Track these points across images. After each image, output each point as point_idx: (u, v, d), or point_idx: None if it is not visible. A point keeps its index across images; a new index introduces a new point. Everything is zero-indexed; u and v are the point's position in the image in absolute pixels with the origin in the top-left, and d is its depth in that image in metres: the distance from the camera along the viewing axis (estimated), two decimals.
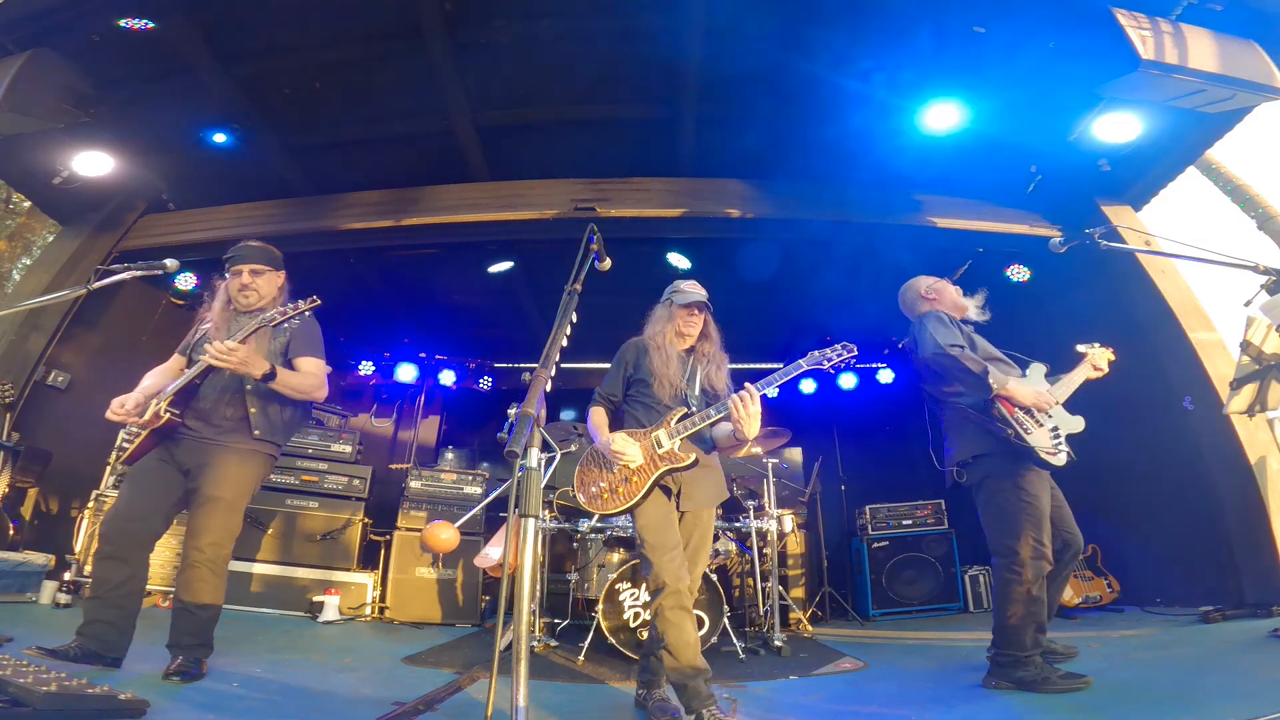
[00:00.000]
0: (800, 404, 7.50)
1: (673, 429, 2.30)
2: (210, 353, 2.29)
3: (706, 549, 2.41)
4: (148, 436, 2.39)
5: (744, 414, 2.13)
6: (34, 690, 1.49)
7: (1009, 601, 2.42)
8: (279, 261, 2.72)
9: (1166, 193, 4.52)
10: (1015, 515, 2.45)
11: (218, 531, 2.37)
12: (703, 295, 2.54)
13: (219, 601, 2.42)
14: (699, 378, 2.49)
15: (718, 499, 2.47)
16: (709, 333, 2.59)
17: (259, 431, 2.48)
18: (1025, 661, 2.36)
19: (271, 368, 2.40)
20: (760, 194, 4.70)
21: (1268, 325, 2.54)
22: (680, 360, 2.50)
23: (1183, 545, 3.98)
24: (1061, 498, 2.66)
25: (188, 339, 2.70)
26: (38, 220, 10.81)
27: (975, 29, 3.58)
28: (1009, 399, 2.49)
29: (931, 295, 2.92)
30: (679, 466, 2.25)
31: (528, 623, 1.20)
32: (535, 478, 1.24)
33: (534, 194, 4.70)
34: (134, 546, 2.34)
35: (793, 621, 4.54)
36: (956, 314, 2.82)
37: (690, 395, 2.43)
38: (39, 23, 3.52)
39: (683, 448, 2.28)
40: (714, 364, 2.53)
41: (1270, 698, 1.99)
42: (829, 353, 2.26)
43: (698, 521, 2.38)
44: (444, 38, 3.80)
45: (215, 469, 2.39)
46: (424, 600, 4.56)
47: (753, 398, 2.13)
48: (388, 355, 7.60)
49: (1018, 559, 2.41)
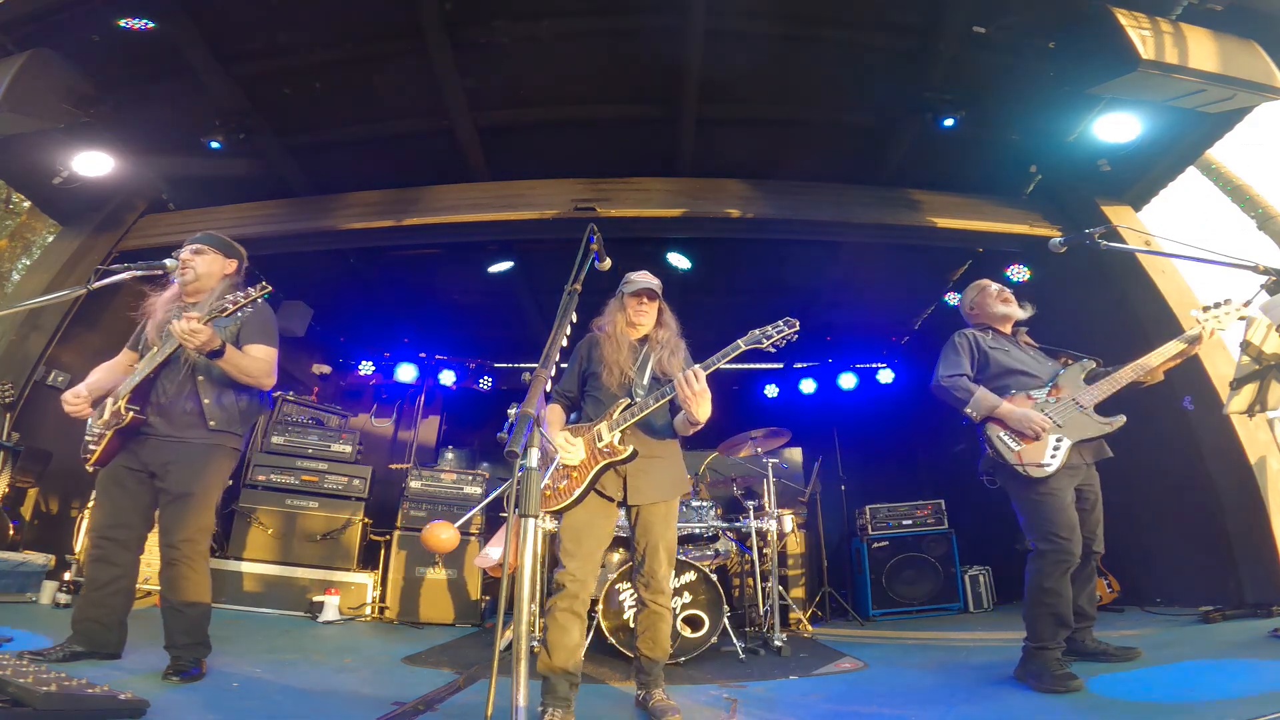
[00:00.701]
0: (800, 404, 7.51)
1: (614, 420, 2.25)
2: (175, 330, 2.27)
3: (666, 543, 2.32)
4: (112, 438, 2.39)
5: (689, 393, 2.08)
6: (34, 690, 1.49)
7: (1028, 590, 2.54)
8: (230, 250, 2.69)
9: (1166, 193, 4.52)
10: (1031, 513, 2.57)
11: (190, 528, 2.39)
12: (652, 283, 2.49)
13: (206, 598, 2.44)
14: (650, 365, 2.41)
15: (674, 491, 2.39)
16: (664, 321, 2.53)
17: (214, 422, 2.47)
18: (1037, 653, 2.42)
19: (221, 344, 2.37)
20: (760, 194, 4.70)
21: (1268, 325, 2.53)
22: (632, 349, 2.45)
23: (1183, 545, 3.97)
24: (1092, 500, 2.69)
25: (136, 333, 2.68)
26: (38, 220, 10.81)
27: (975, 29, 3.59)
28: (1000, 421, 2.61)
29: (975, 310, 3.03)
30: (617, 460, 2.20)
31: (528, 623, 1.20)
32: (535, 478, 1.24)
33: (534, 194, 4.70)
34: (120, 550, 2.41)
35: (793, 621, 4.54)
36: (1002, 324, 2.93)
37: (638, 385, 2.36)
38: (39, 23, 3.52)
39: (624, 439, 2.22)
40: (668, 350, 2.44)
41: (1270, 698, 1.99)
42: (769, 330, 2.17)
43: (652, 517, 2.31)
44: (444, 38, 3.81)
45: (180, 466, 2.40)
46: (424, 600, 4.56)
47: (697, 376, 2.08)
48: (388, 355, 7.61)
49: (1035, 551, 2.54)
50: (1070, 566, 2.46)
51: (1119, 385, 2.62)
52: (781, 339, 2.14)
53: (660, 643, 2.32)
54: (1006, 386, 2.71)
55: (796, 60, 3.97)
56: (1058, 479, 2.52)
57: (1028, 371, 2.76)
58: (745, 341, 2.17)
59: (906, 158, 4.57)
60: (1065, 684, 2.27)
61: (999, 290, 2.99)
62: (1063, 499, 2.51)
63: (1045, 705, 2.21)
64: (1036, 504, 2.53)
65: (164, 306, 2.58)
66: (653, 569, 2.30)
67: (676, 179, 4.72)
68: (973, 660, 3.36)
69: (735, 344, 2.18)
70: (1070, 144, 4.13)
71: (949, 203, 4.70)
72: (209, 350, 2.34)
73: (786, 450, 6.37)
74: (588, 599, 2.16)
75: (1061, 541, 2.46)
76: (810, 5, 3.70)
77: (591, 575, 2.17)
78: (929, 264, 5.62)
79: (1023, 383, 2.72)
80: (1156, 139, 4.00)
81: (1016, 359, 2.80)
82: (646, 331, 2.51)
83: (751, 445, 4.52)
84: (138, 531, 2.46)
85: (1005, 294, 2.98)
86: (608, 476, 2.26)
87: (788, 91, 4.26)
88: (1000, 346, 2.84)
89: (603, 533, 2.27)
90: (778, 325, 2.16)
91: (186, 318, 2.26)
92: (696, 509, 4.16)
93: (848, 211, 4.66)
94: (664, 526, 2.33)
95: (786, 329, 2.15)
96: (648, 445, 2.33)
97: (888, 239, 4.87)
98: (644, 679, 2.37)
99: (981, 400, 2.64)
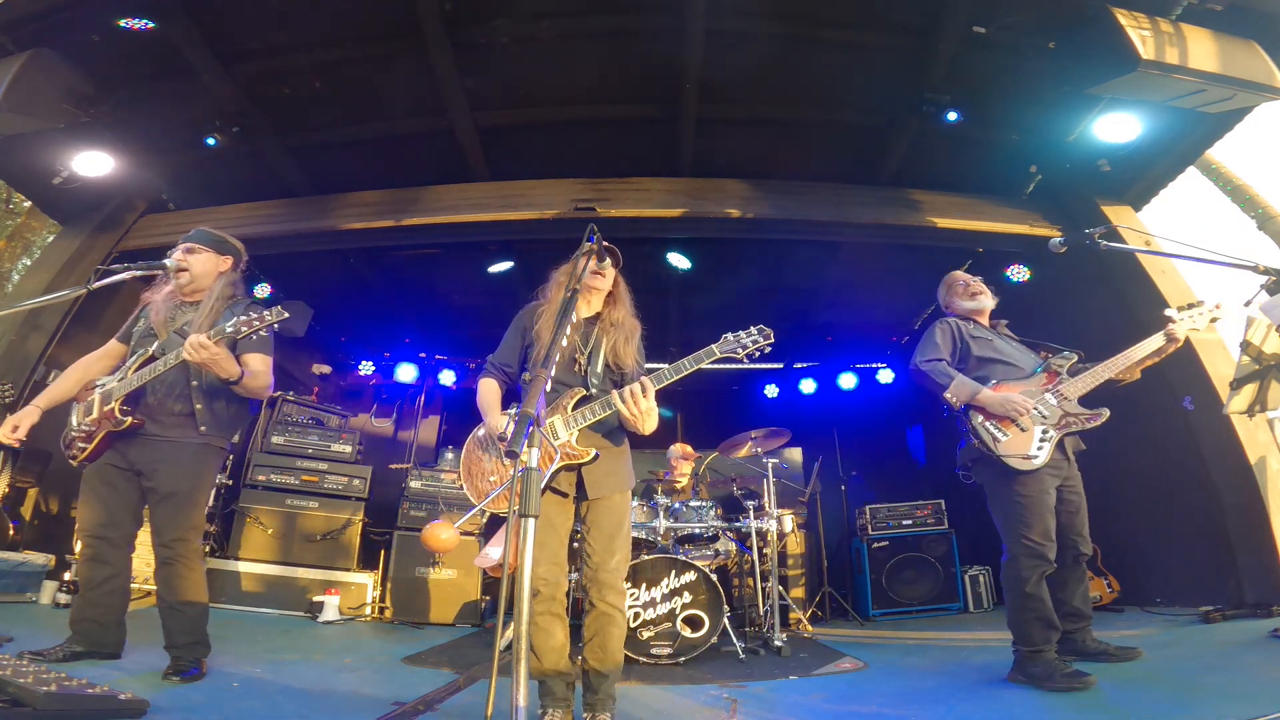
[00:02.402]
0: (800, 404, 7.51)
1: (570, 417, 2.04)
2: (186, 346, 2.25)
3: (622, 535, 2.13)
4: (104, 438, 2.39)
5: (634, 411, 1.91)
6: (34, 690, 1.49)
7: (1008, 596, 2.54)
8: (223, 245, 2.68)
9: (1166, 193, 4.53)
10: (1007, 513, 2.54)
11: (180, 527, 2.39)
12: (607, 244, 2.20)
13: (202, 597, 2.44)
14: (603, 351, 2.18)
15: (629, 483, 2.21)
16: (619, 297, 2.28)
17: (204, 428, 2.47)
18: (1033, 656, 2.40)
19: (240, 373, 2.38)
20: (760, 194, 4.70)
21: (1268, 325, 2.53)
22: (582, 329, 2.20)
23: (1183, 545, 3.97)
24: (1076, 502, 2.64)
25: (127, 325, 2.66)
26: (38, 220, 10.80)
27: (975, 29, 3.59)
28: (981, 408, 2.57)
29: (947, 307, 3.04)
30: (578, 463, 2.02)
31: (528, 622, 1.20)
32: (535, 478, 1.24)
33: (534, 194, 4.70)
34: (111, 549, 2.40)
35: (793, 621, 4.54)
36: (979, 316, 2.92)
37: (591, 372, 2.14)
38: (39, 23, 3.52)
39: (581, 440, 2.03)
40: (623, 334, 2.21)
41: (1270, 698, 1.99)
42: (744, 338, 2.04)
43: (610, 509, 2.12)
44: (444, 38, 3.80)
45: (167, 466, 2.40)
46: (424, 600, 4.56)
47: (645, 393, 1.91)
48: (388, 355, 7.60)
49: (1010, 555, 2.53)
50: (1045, 571, 2.44)
51: (1099, 380, 2.62)
52: (757, 349, 2.04)
53: (611, 652, 2.05)
54: (988, 376, 2.69)
55: (796, 60, 3.97)
56: (1040, 480, 2.49)
57: (1010, 361, 2.74)
58: (719, 348, 2.04)
59: (906, 158, 4.56)
60: (1076, 681, 2.25)
61: (965, 284, 2.99)
62: (1043, 502, 2.48)
63: (1045, 704, 2.21)
64: (1015, 505, 2.50)
65: (164, 302, 2.57)
66: (604, 560, 2.07)
67: (676, 179, 4.72)
68: (973, 660, 3.36)
69: (709, 349, 2.03)
70: (1070, 144, 4.13)
71: (949, 203, 4.70)
72: (225, 378, 2.35)
73: (786, 450, 6.37)
74: (564, 598, 2.09)
75: (1035, 545, 2.43)
76: (810, 5, 3.70)
77: (562, 574, 2.08)
78: (929, 264, 5.58)
79: (1005, 372, 2.70)
80: (1156, 139, 4.00)
81: (998, 349, 2.78)
82: (599, 308, 2.27)
83: (751, 445, 4.52)
84: (127, 530, 2.45)
85: (972, 286, 2.97)
86: (561, 472, 2.08)
87: (788, 91, 4.26)
88: (982, 336, 2.84)
89: (564, 529, 2.12)
90: (751, 333, 2.06)
91: (197, 339, 2.23)
92: (696, 509, 4.16)
93: (847, 211, 4.66)
94: (621, 515, 2.14)
95: (761, 339, 2.05)
96: (600, 439, 2.13)
97: (887, 239, 4.87)
98: (590, 699, 2.04)
99: (961, 385, 2.62)
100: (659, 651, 3.38)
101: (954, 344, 2.82)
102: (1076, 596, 2.64)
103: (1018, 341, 2.90)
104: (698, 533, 4.21)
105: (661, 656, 3.36)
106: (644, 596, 3.50)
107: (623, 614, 2.11)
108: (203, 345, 2.23)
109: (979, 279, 3.04)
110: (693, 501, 4.22)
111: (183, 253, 2.58)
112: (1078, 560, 2.63)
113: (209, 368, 2.31)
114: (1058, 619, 2.45)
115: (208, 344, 2.24)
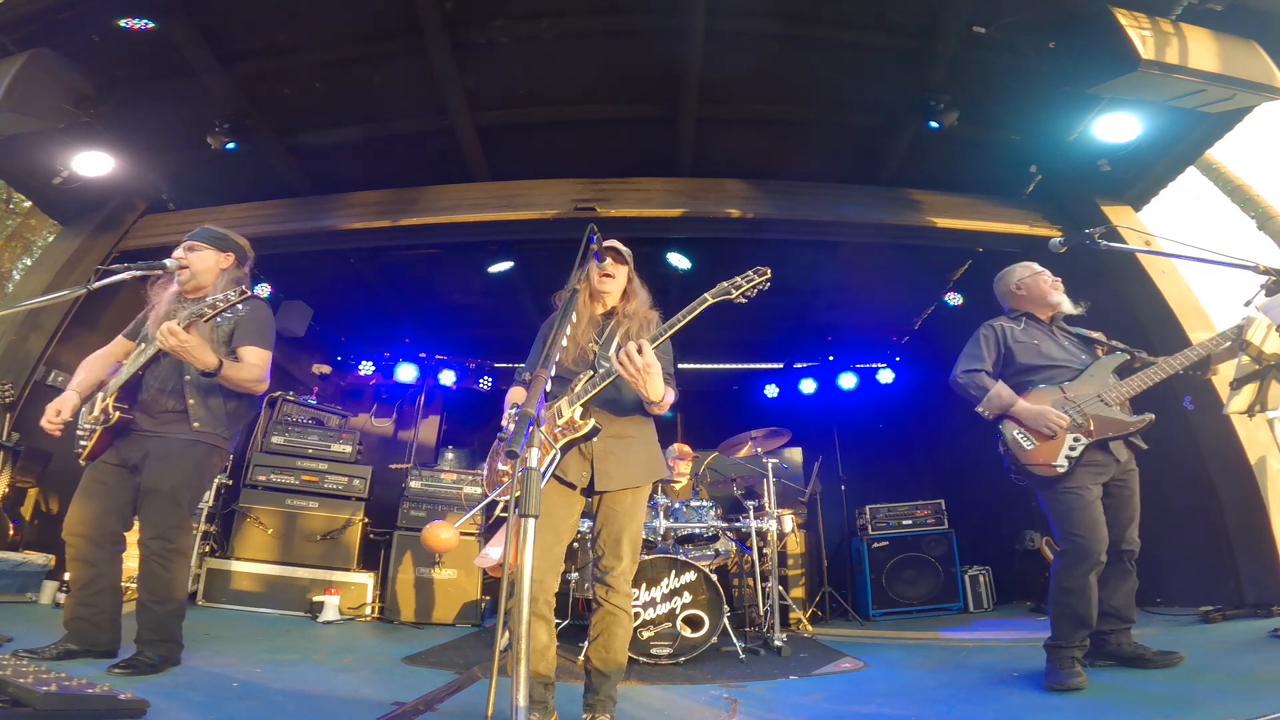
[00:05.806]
0: (800, 404, 7.51)
1: (574, 395, 1.99)
2: (158, 333, 2.26)
3: (630, 535, 2.07)
4: (102, 434, 2.39)
5: (632, 371, 1.85)
6: (34, 690, 1.49)
7: (1049, 589, 2.52)
8: (225, 243, 2.68)
9: (1166, 193, 4.52)
10: (1052, 512, 2.52)
11: (160, 525, 2.38)
12: (621, 246, 2.24)
13: (177, 596, 2.43)
14: (617, 340, 2.16)
15: (647, 476, 2.13)
16: (634, 291, 2.29)
17: (198, 424, 2.46)
18: (1052, 650, 2.41)
19: (219, 362, 2.36)
20: (760, 194, 4.70)
21: (1268, 325, 2.53)
22: (595, 324, 2.22)
23: (1182, 545, 3.97)
24: (1125, 499, 2.57)
25: (135, 323, 2.67)
26: (38, 220, 10.80)
27: (975, 29, 3.59)
28: (1016, 419, 2.55)
29: (1022, 291, 2.86)
30: (577, 436, 1.94)
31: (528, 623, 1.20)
32: (535, 478, 1.24)
33: (534, 194, 4.69)
34: (92, 548, 2.38)
35: (793, 621, 4.54)
36: (1045, 312, 2.80)
37: (601, 359, 2.12)
38: (39, 23, 3.51)
39: (584, 414, 1.97)
40: (637, 323, 2.21)
41: (1270, 698, 1.99)
42: (738, 280, 1.97)
43: (617, 505, 2.07)
44: (444, 38, 3.80)
45: (155, 461, 2.40)
46: (424, 600, 4.56)
47: (640, 350, 1.83)
48: (388, 355, 7.60)
49: (1059, 550, 2.51)
50: (1092, 567, 2.38)
51: (1152, 382, 2.52)
52: (752, 288, 1.96)
53: (614, 653, 2.01)
54: (1032, 381, 2.63)
55: (796, 60, 3.97)
56: (1078, 476, 2.45)
57: (1057, 364, 2.66)
58: (712, 295, 1.96)
59: (906, 158, 4.56)
60: (1066, 684, 2.27)
61: (1054, 278, 2.85)
62: (1084, 497, 2.44)
63: (1045, 704, 2.21)
64: (1057, 502, 2.48)
65: (167, 301, 2.58)
66: (612, 564, 2.03)
67: (676, 179, 4.72)
68: (973, 660, 3.36)
69: (702, 298, 1.95)
70: (1070, 144, 4.13)
71: (949, 203, 4.69)
72: (204, 370, 2.34)
73: (786, 450, 6.37)
74: (551, 599, 1.99)
75: (1080, 540, 2.39)
76: (810, 5, 3.69)
77: (551, 572, 1.99)
78: (929, 264, 5.61)
79: (1051, 376, 2.63)
80: (1156, 139, 4.00)
81: (1046, 353, 2.69)
82: (614, 304, 2.27)
83: (751, 445, 4.52)
84: (111, 529, 2.42)
85: (1059, 282, 2.84)
86: (572, 460, 2.03)
87: (788, 91, 4.26)
88: (1030, 339, 2.73)
89: (564, 525, 2.03)
90: (746, 274, 1.97)
91: (167, 325, 2.23)
92: (696, 509, 4.16)
93: (848, 211, 4.66)
94: (629, 517, 2.07)
95: (756, 277, 1.96)
96: (615, 424, 2.07)
97: (888, 239, 4.87)
98: (590, 699, 2.02)
99: (994, 399, 2.58)
100: (659, 651, 3.38)
101: (997, 349, 2.74)
102: (1116, 596, 2.54)
103: (1072, 338, 2.78)
104: (698, 533, 4.21)
105: (661, 656, 3.37)
106: (644, 596, 3.50)
107: (628, 615, 2.07)
108: (172, 331, 2.21)
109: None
110: (693, 501, 4.22)
111: (184, 250, 2.59)
112: (1119, 557, 2.53)
113: (181, 355, 2.28)
114: (1093, 619, 2.39)
115: (177, 330, 2.22)
